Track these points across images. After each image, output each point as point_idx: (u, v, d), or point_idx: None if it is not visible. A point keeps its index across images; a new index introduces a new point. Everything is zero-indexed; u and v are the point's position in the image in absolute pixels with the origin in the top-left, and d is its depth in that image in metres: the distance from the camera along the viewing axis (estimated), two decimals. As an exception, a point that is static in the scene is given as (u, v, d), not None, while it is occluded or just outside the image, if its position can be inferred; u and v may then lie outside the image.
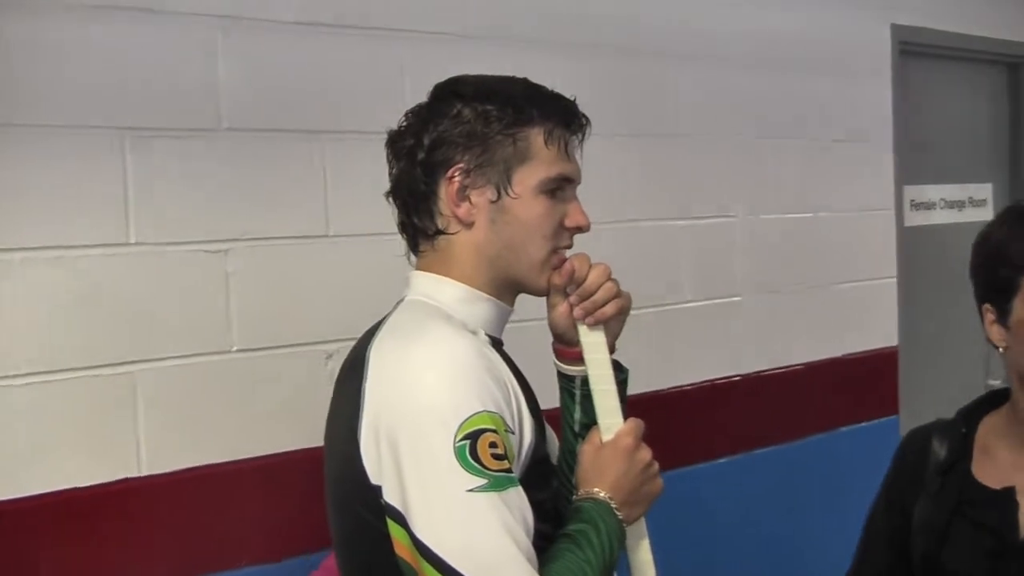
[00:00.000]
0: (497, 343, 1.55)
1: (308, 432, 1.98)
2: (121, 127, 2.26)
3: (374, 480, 1.39)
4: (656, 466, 1.53)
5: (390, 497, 1.37)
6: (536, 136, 1.50)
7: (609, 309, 1.54)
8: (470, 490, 1.31)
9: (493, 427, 1.35)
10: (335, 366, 2.18)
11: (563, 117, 1.52)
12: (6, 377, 2.13)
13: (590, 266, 1.54)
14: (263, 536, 2.41)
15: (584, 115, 1.57)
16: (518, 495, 1.36)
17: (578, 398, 1.61)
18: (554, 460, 1.65)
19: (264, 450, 2.42)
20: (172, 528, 2.31)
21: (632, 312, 3.00)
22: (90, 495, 2.19)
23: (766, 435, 3.48)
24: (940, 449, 1.79)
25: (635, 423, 1.54)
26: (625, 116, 3.16)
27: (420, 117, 1.54)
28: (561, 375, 1.64)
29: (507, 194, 1.49)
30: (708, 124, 3.40)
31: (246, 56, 2.43)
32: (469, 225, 1.51)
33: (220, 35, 2.39)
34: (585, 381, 1.59)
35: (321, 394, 1.70)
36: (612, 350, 1.61)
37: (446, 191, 1.50)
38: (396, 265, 1.69)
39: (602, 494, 1.47)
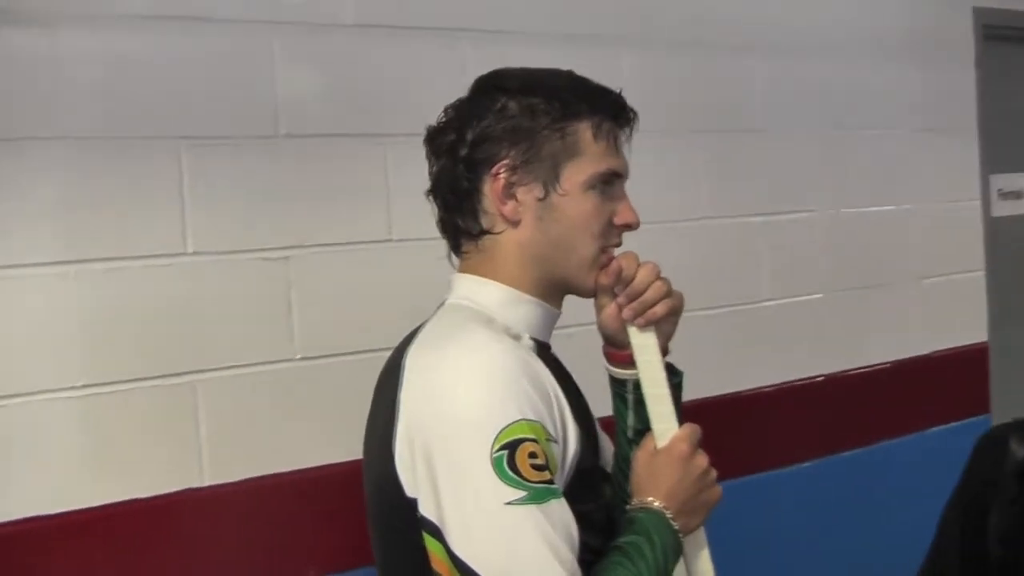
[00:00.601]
0: (543, 347, 1.49)
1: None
2: (177, 136, 2.25)
3: (410, 493, 1.34)
4: (713, 473, 1.45)
5: (426, 510, 1.32)
6: (585, 130, 1.44)
7: (660, 309, 1.46)
8: (508, 503, 1.25)
9: (533, 436, 1.29)
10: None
11: (612, 110, 1.46)
12: (64, 389, 2.12)
13: (638, 265, 1.47)
14: (329, 547, 2.37)
15: (632, 109, 1.49)
16: (561, 507, 1.30)
17: (631, 403, 1.53)
18: (609, 468, 1.59)
19: (329, 459, 2.38)
20: (236, 538, 2.29)
21: (709, 312, 3.03)
22: (152, 506, 2.18)
23: (851, 437, 3.36)
24: (1019, 449, 1.68)
25: (690, 428, 1.46)
26: (699, 111, 3.08)
27: (461, 112, 1.48)
28: (613, 379, 1.57)
29: (555, 191, 1.43)
30: (785, 117, 3.30)
31: (303, 60, 2.41)
32: (515, 224, 1.45)
33: (276, 40, 2.37)
34: (637, 385, 1.51)
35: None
36: (665, 352, 1.53)
37: (491, 188, 1.44)
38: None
39: (656, 503, 1.39)
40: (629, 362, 1.51)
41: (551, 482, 1.29)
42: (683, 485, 1.41)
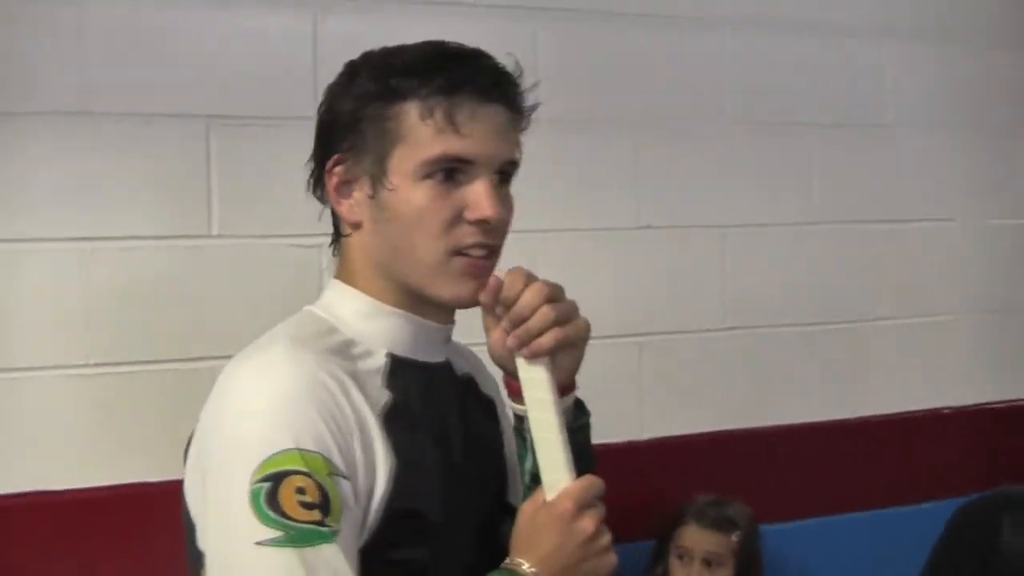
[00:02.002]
0: (411, 366, 1.28)
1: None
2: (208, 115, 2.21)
3: (194, 518, 1.20)
4: (605, 539, 1.20)
5: (201, 541, 1.17)
6: (410, 111, 1.21)
7: (545, 340, 1.21)
8: (259, 542, 1.07)
9: (305, 469, 1.10)
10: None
11: (445, 83, 1.20)
12: (81, 366, 2.12)
13: (525, 285, 1.23)
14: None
15: (496, 74, 1.25)
16: (332, 553, 1.09)
17: (530, 442, 1.28)
18: None
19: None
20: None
21: (814, 328, 2.75)
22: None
23: (982, 478, 2.97)
24: (1015, 537, 1.36)
25: (584, 483, 1.21)
26: (822, 102, 2.82)
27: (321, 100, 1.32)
28: (514, 414, 1.35)
29: (384, 186, 1.22)
30: (919, 112, 2.95)
31: (342, 39, 2.31)
32: (356, 226, 1.28)
33: (315, 18, 2.29)
34: None
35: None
36: (569, 387, 1.31)
37: (330, 186, 1.28)
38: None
39: (525, 567, 1.17)
40: None
41: (322, 523, 1.09)
42: (563, 551, 1.18)
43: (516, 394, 1.31)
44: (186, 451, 1.26)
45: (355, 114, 1.24)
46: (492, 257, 1.26)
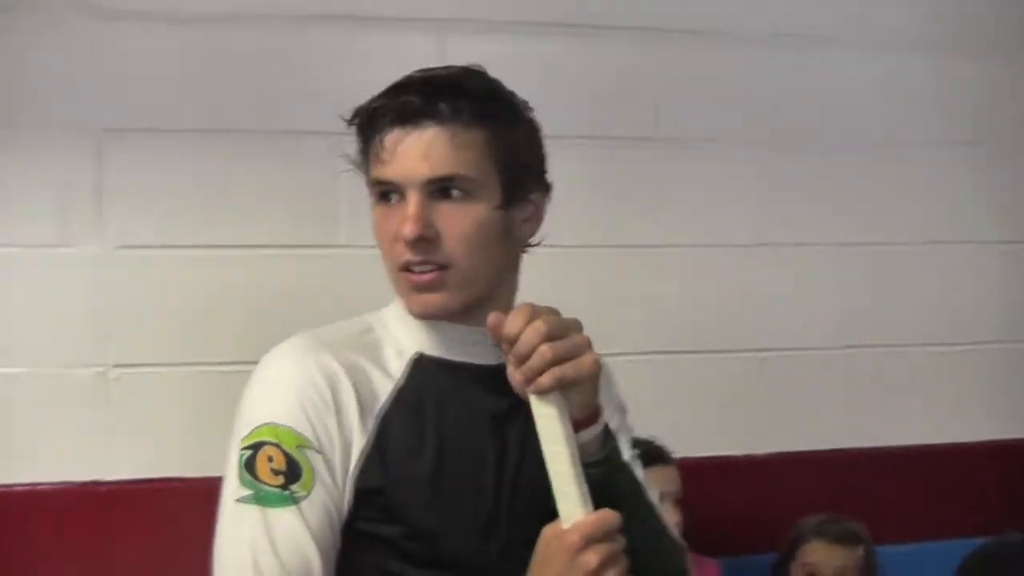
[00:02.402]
0: (440, 364, 1.36)
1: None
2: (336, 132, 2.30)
3: None
4: (610, 575, 1.21)
5: None
6: (365, 145, 1.33)
7: (545, 380, 1.21)
8: (237, 500, 1.25)
9: (275, 441, 1.25)
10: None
11: (371, 117, 1.31)
12: (214, 364, 2.28)
13: (525, 322, 1.22)
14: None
15: (421, 98, 1.28)
16: (292, 516, 1.24)
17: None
18: None
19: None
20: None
21: (942, 348, 2.69)
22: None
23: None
24: None
25: (595, 519, 1.22)
26: (954, 122, 2.78)
27: None
28: None
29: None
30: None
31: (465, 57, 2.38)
32: None
33: (441, 37, 2.39)
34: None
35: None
36: (589, 421, 1.30)
37: None
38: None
39: None
40: None
41: (286, 488, 1.25)
42: None
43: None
44: None
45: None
46: (441, 270, 1.29)
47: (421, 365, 1.36)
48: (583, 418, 1.29)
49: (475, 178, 1.30)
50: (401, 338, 1.37)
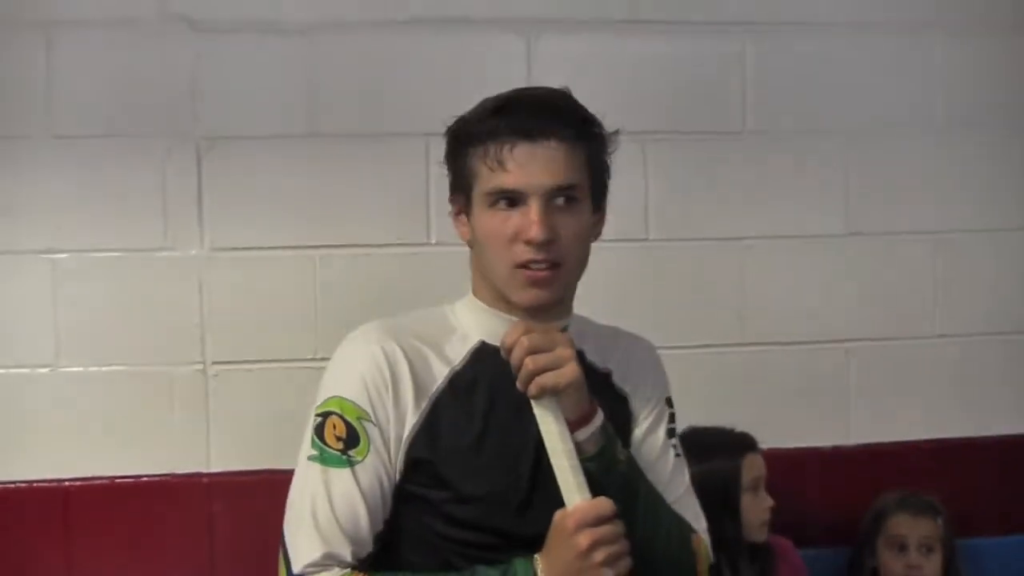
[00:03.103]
0: (497, 352, 1.51)
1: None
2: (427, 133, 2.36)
3: None
4: (598, 555, 1.39)
5: None
6: (475, 156, 1.51)
7: (532, 390, 1.43)
8: (308, 457, 1.50)
9: (340, 412, 1.49)
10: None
11: (491, 129, 1.48)
12: (307, 360, 2.37)
13: (515, 340, 1.44)
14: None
15: (538, 115, 1.47)
16: (347, 477, 1.47)
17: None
18: None
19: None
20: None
21: (1000, 337, 2.69)
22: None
23: None
24: None
25: (587, 506, 1.42)
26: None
27: None
28: None
29: (471, 213, 1.54)
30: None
31: (552, 57, 2.47)
32: (469, 244, 1.59)
33: (523, 39, 2.45)
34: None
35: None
36: (583, 421, 1.48)
37: (453, 215, 1.61)
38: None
39: (539, 566, 1.43)
40: None
41: (345, 453, 1.48)
42: (561, 560, 1.42)
43: None
44: None
45: (451, 164, 1.56)
46: (554, 268, 1.49)
47: (481, 352, 1.56)
48: (576, 419, 1.47)
49: (582, 187, 1.51)
50: (469, 327, 1.58)
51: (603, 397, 1.57)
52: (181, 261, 2.38)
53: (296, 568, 1.46)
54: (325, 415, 1.50)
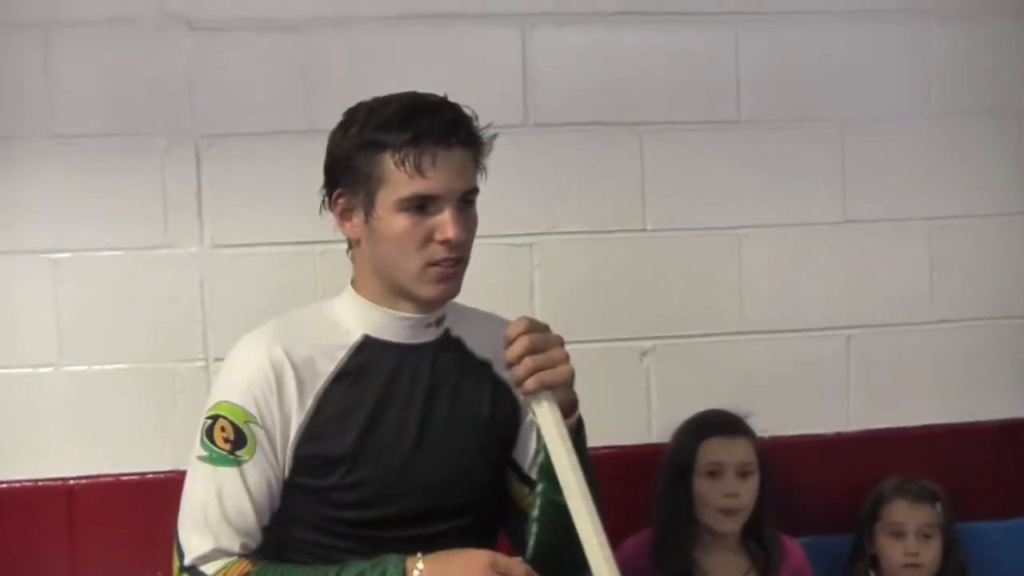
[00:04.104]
0: (380, 344, 1.65)
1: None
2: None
3: None
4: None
5: None
6: (387, 161, 1.56)
7: (529, 385, 1.53)
8: (198, 457, 1.60)
9: (227, 415, 1.59)
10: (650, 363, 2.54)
11: (411, 137, 1.54)
12: None
13: (517, 335, 1.54)
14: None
15: (453, 125, 1.55)
16: (235, 475, 1.58)
17: (542, 444, 1.61)
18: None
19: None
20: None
21: (1004, 321, 2.70)
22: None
23: None
24: None
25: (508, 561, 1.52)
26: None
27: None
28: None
29: (372, 216, 1.59)
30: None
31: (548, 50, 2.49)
32: (357, 242, 1.65)
33: (517, 33, 2.47)
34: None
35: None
36: (571, 411, 1.61)
37: (335, 212, 1.66)
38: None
39: (420, 564, 1.50)
40: None
41: (232, 453, 1.58)
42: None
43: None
44: None
45: (348, 160, 1.60)
46: (459, 264, 1.60)
47: (364, 346, 1.65)
48: (565, 410, 1.57)
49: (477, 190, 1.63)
50: (352, 322, 1.66)
51: (486, 386, 1.71)
52: (182, 258, 2.39)
53: (187, 561, 1.56)
54: (215, 418, 1.60)
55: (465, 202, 1.59)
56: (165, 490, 2.35)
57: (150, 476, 2.38)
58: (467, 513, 1.67)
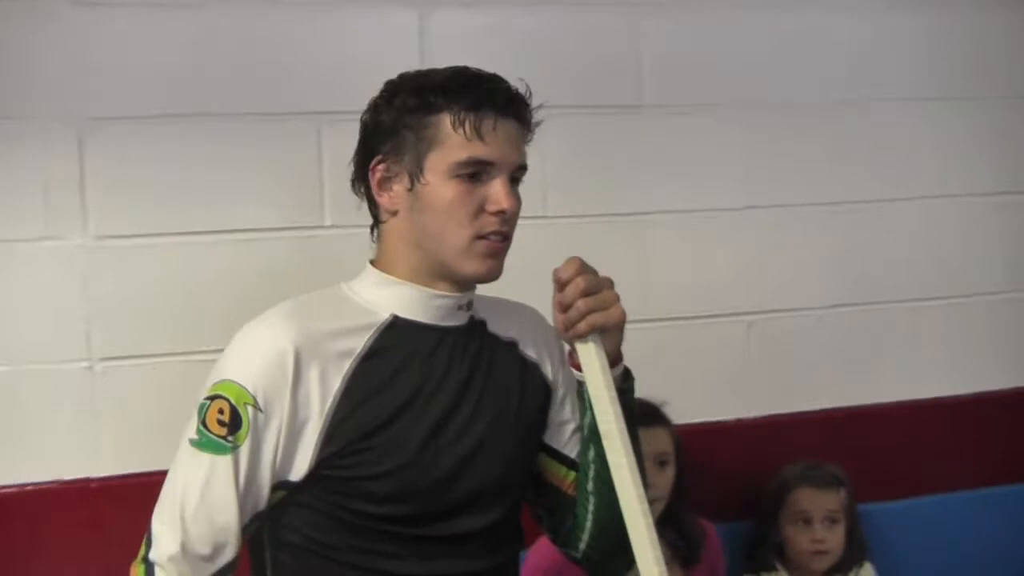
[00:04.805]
0: (410, 325, 1.57)
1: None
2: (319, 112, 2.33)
3: None
4: None
5: None
6: (443, 122, 1.50)
7: (582, 327, 1.49)
8: (189, 439, 1.50)
9: (227, 396, 1.48)
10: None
11: (473, 101, 1.49)
12: (201, 352, 2.25)
13: (572, 275, 1.50)
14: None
15: (511, 95, 1.52)
16: (224, 463, 1.48)
17: (587, 401, 1.57)
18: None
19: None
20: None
21: (930, 303, 2.72)
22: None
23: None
24: None
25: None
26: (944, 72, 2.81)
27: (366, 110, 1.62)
28: (577, 380, 1.63)
29: (419, 181, 1.52)
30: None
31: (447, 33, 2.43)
32: (394, 213, 1.56)
33: (416, 14, 2.41)
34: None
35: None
36: (617, 360, 1.57)
37: (372, 181, 1.57)
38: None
39: None
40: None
41: (226, 438, 1.48)
42: None
43: (575, 365, 1.58)
44: None
45: (396, 123, 1.52)
46: (506, 241, 1.54)
47: (395, 325, 1.56)
48: (613, 358, 1.55)
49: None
50: (377, 303, 1.57)
51: (515, 367, 1.65)
52: (65, 251, 2.24)
53: (152, 555, 1.48)
54: (213, 397, 1.49)
55: (515, 180, 1.54)
56: (44, 500, 2.24)
57: (29, 488, 2.24)
58: (501, 504, 1.61)
